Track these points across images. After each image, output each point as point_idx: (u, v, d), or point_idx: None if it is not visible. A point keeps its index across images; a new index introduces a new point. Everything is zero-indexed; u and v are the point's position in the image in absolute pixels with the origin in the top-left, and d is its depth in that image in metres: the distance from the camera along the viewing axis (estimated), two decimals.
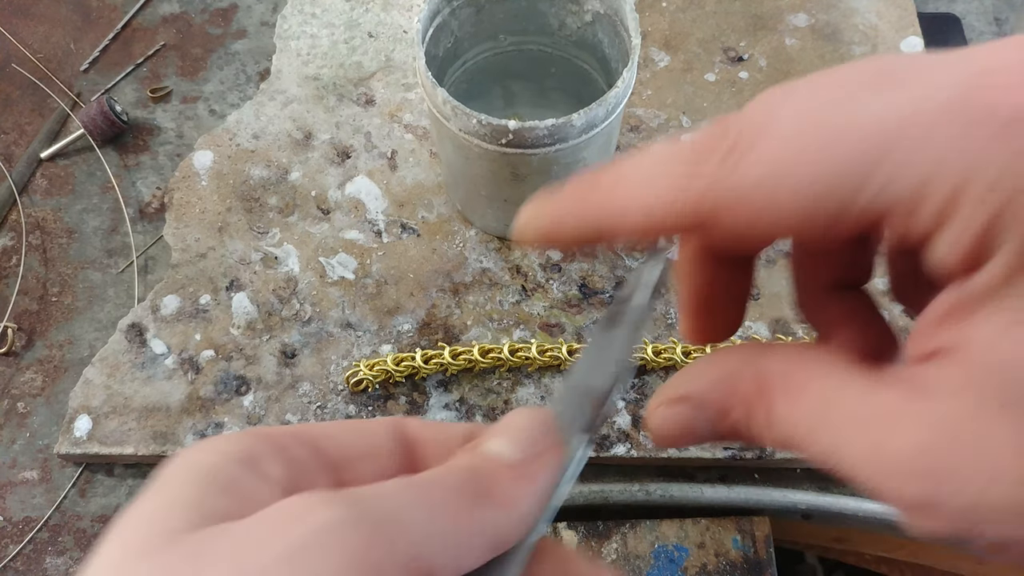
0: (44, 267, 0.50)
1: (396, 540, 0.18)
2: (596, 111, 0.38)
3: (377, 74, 0.55)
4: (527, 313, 0.47)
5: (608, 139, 0.43)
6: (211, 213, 0.50)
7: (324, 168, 0.51)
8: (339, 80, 0.54)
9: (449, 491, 0.20)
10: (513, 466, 0.21)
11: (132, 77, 0.57)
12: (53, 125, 0.55)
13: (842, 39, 0.56)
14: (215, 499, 0.18)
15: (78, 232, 0.51)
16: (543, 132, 0.38)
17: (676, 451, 0.43)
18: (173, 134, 0.55)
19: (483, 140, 0.39)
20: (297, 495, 0.18)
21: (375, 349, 0.46)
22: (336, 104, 0.54)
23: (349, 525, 0.17)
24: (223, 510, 0.18)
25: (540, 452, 0.22)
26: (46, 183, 0.53)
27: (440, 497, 0.19)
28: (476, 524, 0.20)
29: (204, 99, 0.56)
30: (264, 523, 0.17)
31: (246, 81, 0.56)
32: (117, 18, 0.59)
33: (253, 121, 0.53)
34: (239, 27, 0.59)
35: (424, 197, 0.50)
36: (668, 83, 0.55)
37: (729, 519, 0.43)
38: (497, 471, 0.21)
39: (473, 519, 0.20)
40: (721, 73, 0.55)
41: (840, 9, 0.57)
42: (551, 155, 0.39)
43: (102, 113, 0.52)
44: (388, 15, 0.57)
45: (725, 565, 0.42)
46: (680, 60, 0.55)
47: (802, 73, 0.55)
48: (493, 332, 0.46)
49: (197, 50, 0.58)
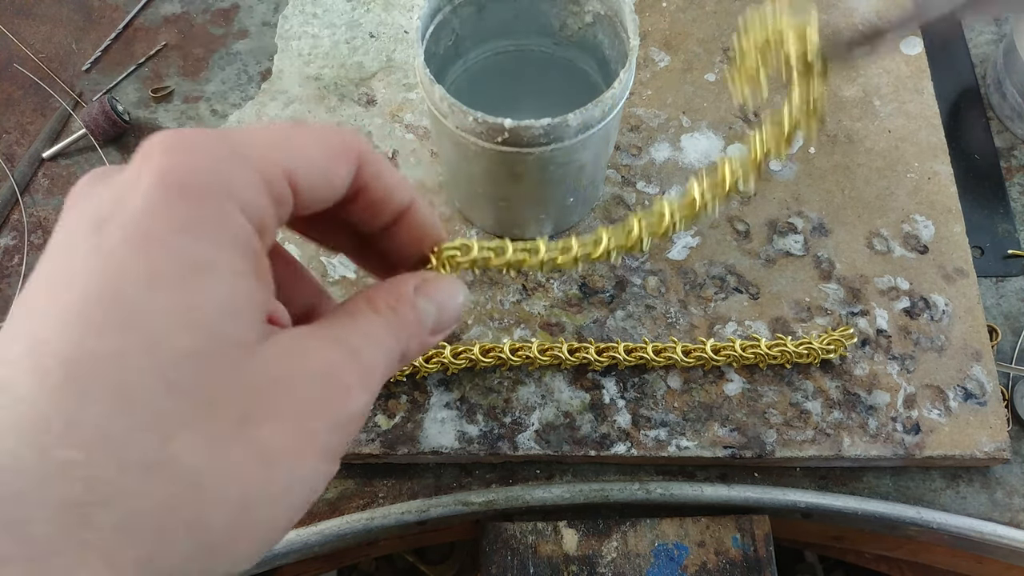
0: None
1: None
2: (592, 111, 0.38)
3: (378, 74, 0.55)
4: (528, 312, 0.47)
5: (606, 139, 0.43)
6: None
7: None
8: (340, 80, 0.55)
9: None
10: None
11: (134, 77, 0.57)
12: (55, 125, 0.55)
13: (842, 39, 0.56)
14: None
15: None
16: (539, 131, 0.38)
17: (676, 450, 0.44)
18: None
19: (480, 138, 0.39)
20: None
21: None
22: (337, 104, 0.54)
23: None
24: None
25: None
26: (48, 183, 0.54)
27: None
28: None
29: (206, 99, 0.56)
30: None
31: (248, 81, 0.57)
32: (119, 18, 0.59)
33: (255, 121, 0.53)
34: (241, 27, 0.59)
35: (425, 196, 0.50)
36: (668, 83, 0.55)
37: (729, 518, 0.43)
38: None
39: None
40: (721, 73, 0.55)
41: (840, 9, 0.57)
42: (547, 154, 0.39)
43: (104, 113, 0.53)
44: (389, 15, 0.57)
45: (725, 563, 0.42)
46: (680, 60, 0.56)
47: None
48: (494, 331, 0.47)
49: (199, 50, 0.58)
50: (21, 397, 0.21)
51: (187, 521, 0.22)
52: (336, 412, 0.25)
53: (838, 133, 0.53)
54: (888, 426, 0.44)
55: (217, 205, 0.24)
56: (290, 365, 0.25)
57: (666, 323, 0.47)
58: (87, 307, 0.22)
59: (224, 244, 0.24)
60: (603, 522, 0.43)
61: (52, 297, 0.23)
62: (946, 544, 0.45)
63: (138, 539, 0.21)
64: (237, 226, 0.24)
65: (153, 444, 0.22)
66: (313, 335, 0.26)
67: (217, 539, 0.23)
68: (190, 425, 0.22)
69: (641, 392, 0.45)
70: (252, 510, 0.23)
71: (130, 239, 0.23)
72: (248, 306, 0.24)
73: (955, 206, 0.50)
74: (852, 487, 0.45)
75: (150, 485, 0.21)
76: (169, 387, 0.22)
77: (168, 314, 0.22)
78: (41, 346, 0.22)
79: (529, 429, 0.44)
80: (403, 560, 0.86)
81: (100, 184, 0.25)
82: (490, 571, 0.42)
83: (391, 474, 0.45)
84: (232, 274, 0.24)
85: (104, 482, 0.21)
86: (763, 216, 0.50)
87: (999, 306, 0.51)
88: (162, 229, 0.23)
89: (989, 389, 0.45)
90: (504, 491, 0.44)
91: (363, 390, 0.26)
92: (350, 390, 0.26)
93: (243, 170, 0.25)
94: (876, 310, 0.47)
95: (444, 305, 0.31)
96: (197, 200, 0.24)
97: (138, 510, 0.21)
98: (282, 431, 0.24)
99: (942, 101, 0.55)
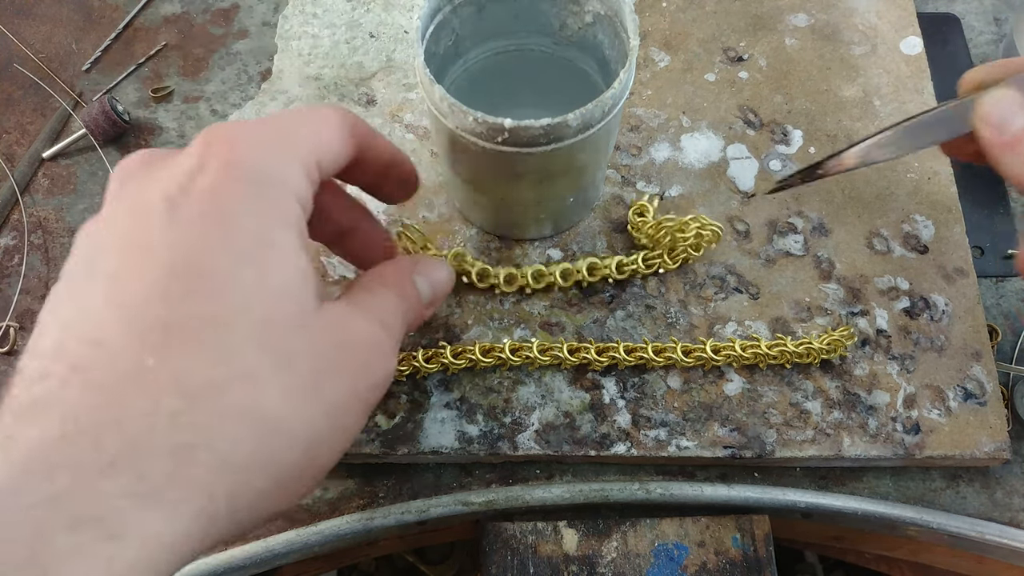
0: (46, 267, 0.51)
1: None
2: (592, 111, 0.38)
3: (378, 74, 0.55)
4: (527, 312, 0.47)
5: (606, 139, 0.43)
6: None
7: None
8: (340, 80, 0.55)
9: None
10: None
11: (134, 77, 0.57)
12: (55, 125, 0.55)
13: (842, 39, 0.56)
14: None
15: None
16: (539, 131, 0.38)
17: (676, 450, 0.44)
18: (175, 134, 0.55)
19: (479, 138, 0.39)
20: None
21: None
22: (337, 104, 0.54)
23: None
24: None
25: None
26: (48, 183, 0.54)
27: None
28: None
29: (206, 99, 0.56)
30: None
31: (248, 81, 0.57)
32: (119, 18, 0.59)
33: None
34: (240, 27, 0.59)
35: (425, 196, 0.51)
36: (668, 83, 0.55)
37: (729, 517, 0.43)
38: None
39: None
40: (721, 73, 0.55)
41: (840, 9, 0.57)
42: (547, 154, 0.39)
43: (104, 113, 0.53)
44: (389, 15, 0.57)
45: (725, 563, 0.42)
46: (680, 60, 0.56)
47: (802, 73, 0.55)
48: (494, 331, 0.47)
49: (199, 50, 0.58)
50: (119, 354, 0.24)
51: (267, 461, 0.26)
52: (378, 374, 0.31)
53: (838, 133, 0.53)
54: (888, 426, 0.44)
55: (276, 192, 0.28)
56: (344, 333, 0.29)
57: (666, 323, 0.47)
58: (174, 276, 0.25)
59: (284, 224, 0.28)
60: (603, 522, 0.43)
61: (132, 264, 0.26)
62: (946, 544, 0.45)
63: (230, 476, 0.25)
64: (291, 210, 0.29)
65: (246, 395, 0.25)
66: (353, 309, 0.31)
67: (287, 477, 0.26)
68: (273, 380, 0.26)
69: (641, 392, 0.45)
70: (315, 453, 0.27)
71: (208, 216, 0.26)
72: (307, 277, 0.28)
73: (955, 206, 0.50)
74: (852, 487, 0.45)
75: (243, 430, 0.25)
76: (259, 346, 0.26)
77: (251, 284, 0.26)
78: (135, 311, 0.25)
79: (529, 429, 0.44)
80: (403, 560, 0.86)
81: (157, 166, 0.28)
82: (490, 571, 0.42)
83: (391, 474, 0.45)
84: (293, 250, 0.28)
85: (206, 427, 0.24)
86: (763, 216, 0.50)
87: (999, 306, 0.51)
88: (236, 209, 0.27)
89: (989, 389, 0.45)
90: (504, 491, 0.44)
91: (394, 355, 0.32)
92: (388, 356, 0.31)
93: (292, 162, 0.29)
94: (876, 310, 0.47)
95: (435, 282, 0.38)
96: (260, 187, 0.28)
97: (233, 451, 0.25)
98: (341, 388, 0.28)
99: (942, 101, 0.55)
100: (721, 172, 0.52)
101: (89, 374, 0.24)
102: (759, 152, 0.52)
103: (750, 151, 0.52)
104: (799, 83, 0.55)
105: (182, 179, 0.27)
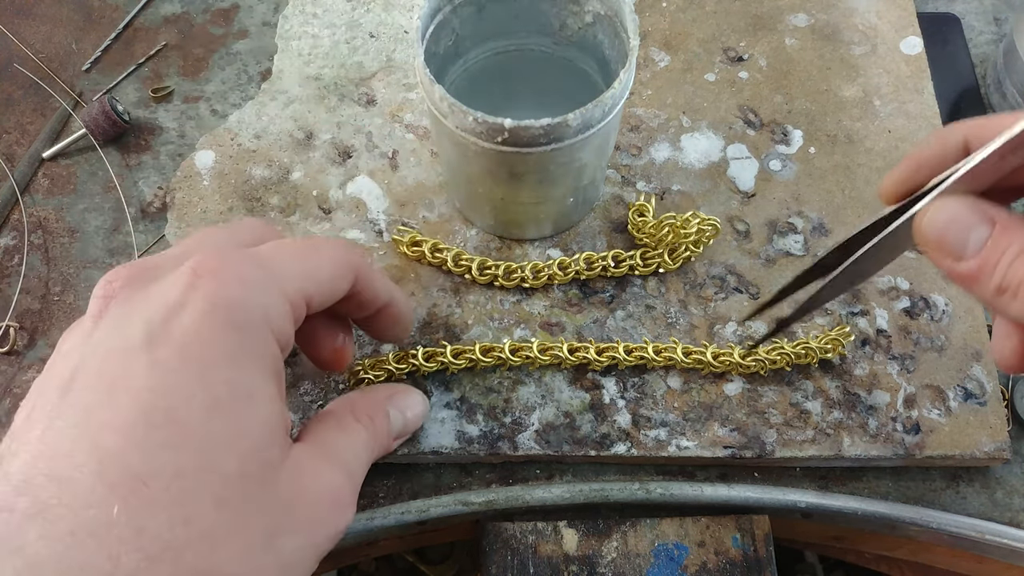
0: (46, 266, 0.51)
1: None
2: (592, 111, 0.38)
3: (378, 74, 0.55)
4: (528, 312, 0.47)
5: (606, 139, 0.43)
6: (213, 212, 0.50)
7: (325, 168, 0.52)
8: (340, 80, 0.55)
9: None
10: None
11: (134, 77, 0.57)
12: (55, 125, 0.55)
13: (842, 39, 0.56)
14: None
15: (80, 231, 0.52)
16: (539, 131, 0.38)
17: (676, 450, 0.44)
18: (175, 134, 0.55)
19: (479, 138, 0.39)
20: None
21: (376, 348, 0.46)
22: (337, 104, 0.54)
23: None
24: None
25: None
26: (48, 183, 0.54)
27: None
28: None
29: (206, 99, 0.56)
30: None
31: (248, 81, 0.57)
32: (119, 18, 0.59)
33: (255, 121, 0.53)
34: (240, 27, 0.59)
35: (425, 197, 0.51)
36: (668, 83, 0.55)
37: (729, 517, 0.43)
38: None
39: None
40: (721, 73, 0.55)
41: (840, 9, 0.57)
42: (547, 154, 0.39)
43: (104, 113, 0.53)
44: (389, 15, 0.57)
45: (725, 563, 0.42)
46: (680, 60, 0.56)
47: (802, 73, 0.55)
48: (494, 331, 0.47)
49: (199, 50, 0.58)
50: (90, 502, 0.24)
51: None
52: (336, 526, 0.31)
53: (838, 133, 0.53)
54: (888, 426, 0.44)
55: (258, 336, 0.28)
56: (305, 485, 0.30)
57: (666, 323, 0.47)
58: (150, 424, 0.25)
59: (263, 372, 0.28)
60: (603, 522, 0.43)
61: (108, 403, 0.26)
62: (946, 544, 0.45)
63: None
64: (272, 354, 0.29)
65: (202, 558, 0.25)
66: (318, 455, 0.31)
67: None
68: (231, 537, 0.26)
69: (641, 392, 0.45)
70: None
71: (187, 363, 0.27)
72: (279, 429, 0.29)
73: None
74: (852, 487, 0.45)
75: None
76: (218, 504, 0.26)
77: (221, 438, 0.26)
78: (107, 457, 0.25)
79: (529, 429, 0.44)
80: (403, 560, 0.86)
81: (143, 292, 0.29)
82: (490, 571, 0.42)
83: (391, 474, 0.45)
84: (268, 400, 0.28)
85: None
86: (763, 216, 0.50)
87: None
88: (215, 357, 0.27)
89: (989, 389, 0.45)
90: (504, 491, 0.44)
91: (354, 502, 0.32)
92: (347, 508, 0.32)
93: (277, 300, 0.29)
94: (876, 310, 0.47)
95: (409, 415, 0.39)
96: (243, 331, 0.28)
97: None
98: (298, 542, 0.29)
99: (942, 101, 0.55)
100: (721, 172, 0.52)
101: (53, 515, 0.24)
102: (759, 152, 0.52)
103: (750, 151, 0.52)
104: (799, 83, 0.55)
105: (165, 313, 0.27)
